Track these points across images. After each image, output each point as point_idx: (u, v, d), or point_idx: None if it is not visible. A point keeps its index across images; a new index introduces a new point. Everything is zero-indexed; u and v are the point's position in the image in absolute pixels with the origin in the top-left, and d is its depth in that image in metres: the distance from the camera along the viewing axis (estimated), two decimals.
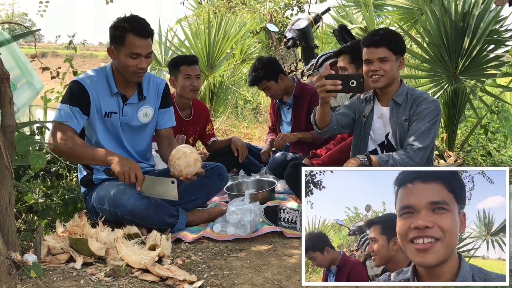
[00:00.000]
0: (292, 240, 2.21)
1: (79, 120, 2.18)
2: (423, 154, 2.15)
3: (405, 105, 2.23)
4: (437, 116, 2.19)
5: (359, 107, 2.38)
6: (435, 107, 2.19)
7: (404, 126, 2.22)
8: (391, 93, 2.26)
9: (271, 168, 3.24)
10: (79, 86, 2.18)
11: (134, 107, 2.31)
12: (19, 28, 16.18)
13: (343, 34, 3.93)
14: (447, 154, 3.81)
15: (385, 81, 2.21)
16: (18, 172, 2.63)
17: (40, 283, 1.59)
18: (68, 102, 2.17)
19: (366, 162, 2.12)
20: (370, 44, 2.20)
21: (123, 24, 2.16)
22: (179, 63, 3.13)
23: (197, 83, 3.13)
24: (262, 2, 9.61)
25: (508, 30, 4.03)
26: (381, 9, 6.77)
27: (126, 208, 2.13)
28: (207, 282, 1.70)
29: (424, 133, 2.15)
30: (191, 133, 3.30)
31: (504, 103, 4.98)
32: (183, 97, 3.17)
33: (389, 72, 2.19)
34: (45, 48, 29.01)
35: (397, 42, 2.21)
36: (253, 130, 5.92)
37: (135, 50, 2.14)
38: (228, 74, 7.18)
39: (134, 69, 2.17)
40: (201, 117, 3.38)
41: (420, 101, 2.20)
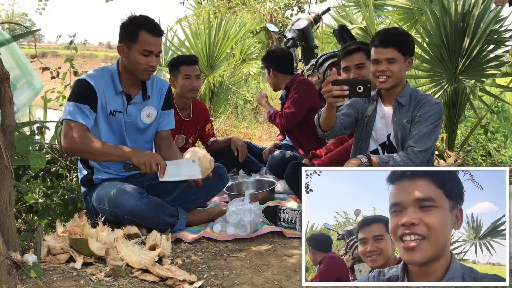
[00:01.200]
0: (292, 240, 2.21)
1: (90, 117, 2.17)
2: (424, 156, 2.14)
3: (408, 106, 2.22)
4: (439, 119, 2.18)
5: (362, 107, 2.37)
6: (438, 110, 2.18)
7: (406, 127, 2.21)
8: (396, 94, 2.25)
9: (270, 166, 3.25)
10: (86, 84, 2.18)
11: (138, 107, 2.32)
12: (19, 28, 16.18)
13: (343, 34, 3.93)
14: (447, 154, 3.81)
15: (392, 82, 2.19)
16: (18, 172, 2.63)
17: (40, 283, 1.59)
18: (77, 100, 2.16)
19: (366, 163, 2.12)
20: (379, 44, 2.18)
21: (136, 22, 2.18)
22: (179, 63, 3.13)
23: (196, 83, 3.13)
24: (262, 2, 9.62)
25: (508, 30, 4.03)
26: (381, 9, 6.76)
27: (126, 208, 2.13)
28: (207, 282, 1.70)
29: (425, 135, 2.14)
30: (191, 133, 3.30)
31: (504, 103, 4.98)
32: (183, 97, 3.17)
33: (396, 73, 2.17)
34: (45, 48, 29.01)
35: (407, 42, 2.19)
36: (253, 130, 5.92)
37: (147, 47, 2.16)
38: (228, 74, 7.18)
39: (144, 67, 2.19)
40: (201, 117, 3.38)
41: (423, 103, 2.19)
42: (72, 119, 2.12)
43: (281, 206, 2.38)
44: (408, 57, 2.21)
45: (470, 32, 3.85)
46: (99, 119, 2.23)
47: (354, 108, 2.38)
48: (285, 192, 2.96)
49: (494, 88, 4.09)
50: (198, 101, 3.45)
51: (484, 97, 4.36)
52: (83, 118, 2.14)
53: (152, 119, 2.37)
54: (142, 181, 2.40)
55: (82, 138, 2.10)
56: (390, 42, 2.16)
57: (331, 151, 2.79)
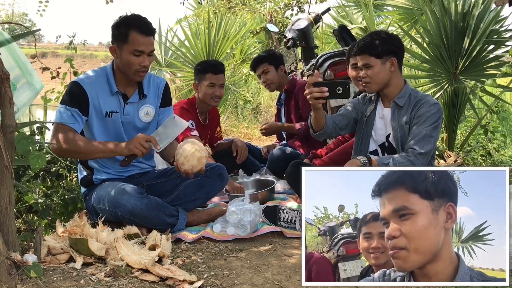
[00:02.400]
0: (292, 240, 2.21)
1: (79, 120, 2.18)
2: (424, 159, 2.12)
3: (407, 107, 2.21)
4: (439, 120, 2.16)
5: (362, 108, 2.37)
6: (437, 111, 2.16)
7: (404, 128, 2.21)
8: (392, 95, 2.25)
9: (270, 162, 3.24)
10: (78, 87, 2.19)
11: (135, 106, 2.32)
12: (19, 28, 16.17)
13: (343, 34, 3.93)
14: (447, 154, 3.82)
15: (375, 86, 2.22)
16: (18, 172, 2.63)
17: (40, 283, 1.59)
18: (67, 103, 2.17)
19: (366, 164, 2.12)
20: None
21: (126, 22, 2.18)
22: (206, 70, 3.12)
23: (220, 92, 3.14)
24: (262, 2, 9.61)
25: (508, 30, 4.03)
26: (381, 9, 6.76)
27: (126, 208, 2.13)
28: (207, 282, 1.70)
29: (426, 137, 2.12)
30: (203, 137, 3.30)
31: (504, 103, 4.98)
32: (204, 103, 3.17)
33: (375, 77, 2.19)
34: (45, 48, 29.00)
35: (380, 45, 2.18)
36: (253, 130, 5.92)
37: (138, 47, 2.15)
38: (228, 74, 7.18)
39: (136, 67, 2.18)
40: (214, 122, 3.43)
41: (421, 104, 2.18)
42: (61, 122, 2.14)
43: (281, 206, 2.38)
44: (388, 57, 2.19)
45: (470, 32, 3.85)
46: (92, 122, 2.24)
47: (354, 109, 2.38)
48: (285, 192, 2.96)
49: (494, 88, 4.09)
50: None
51: (484, 97, 4.35)
52: (71, 121, 2.15)
53: (151, 117, 2.38)
54: (142, 181, 2.40)
55: (68, 139, 2.12)
56: (360, 50, 2.21)
57: (331, 150, 2.79)
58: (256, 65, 3.53)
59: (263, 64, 3.47)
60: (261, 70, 3.49)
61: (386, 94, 2.26)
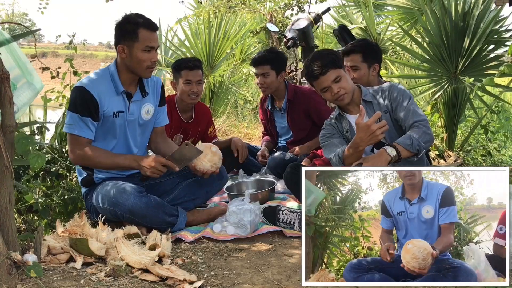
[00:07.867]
0: (292, 240, 2.21)
1: (92, 129, 2.21)
2: (428, 123, 2.20)
3: (377, 100, 2.30)
4: (411, 96, 2.28)
5: (340, 128, 2.39)
6: (404, 89, 2.29)
7: (386, 118, 2.26)
8: (357, 100, 2.32)
9: (270, 167, 3.24)
10: (87, 93, 2.17)
11: (138, 104, 2.33)
12: (19, 28, 16.16)
13: (343, 34, 3.93)
14: (447, 154, 3.82)
15: (349, 95, 2.27)
16: (18, 172, 2.63)
17: (40, 283, 1.59)
18: (79, 113, 2.17)
19: (396, 157, 2.08)
20: (316, 77, 2.25)
21: (133, 20, 2.19)
22: (181, 67, 3.09)
23: (197, 89, 3.09)
24: (262, 2, 9.59)
25: (508, 30, 4.02)
26: (381, 9, 6.76)
27: (126, 206, 2.13)
28: (207, 282, 1.70)
29: (415, 110, 2.22)
30: (191, 135, 3.28)
31: (504, 103, 4.98)
32: (183, 101, 3.16)
33: (348, 86, 2.26)
34: (45, 48, 29.03)
35: (333, 57, 2.24)
36: (253, 130, 5.91)
37: (149, 43, 2.18)
38: (228, 74, 7.18)
39: (148, 64, 2.21)
40: (202, 119, 3.36)
41: (389, 91, 2.30)
42: (77, 134, 2.18)
43: (280, 207, 2.37)
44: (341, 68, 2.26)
45: (470, 32, 3.85)
46: (99, 123, 2.24)
47: (337, 133, 2.40)
48: (285, 192, 2.95)
49: (494, 88, 4.09)
50: (201, 103, 3.43)
51: (484, 97, 4.35)
52: (86, 132, 2.19)
53: (150, 115, 2.39)
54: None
55: (86, 153, 2.19)
56: (322, 70, 2.21)
57: None
58: (258, 63, 3.32)
59: (265, 66, 3.28)
60: (261, 71, 3.31)
61: (351, 102, 2.31)
